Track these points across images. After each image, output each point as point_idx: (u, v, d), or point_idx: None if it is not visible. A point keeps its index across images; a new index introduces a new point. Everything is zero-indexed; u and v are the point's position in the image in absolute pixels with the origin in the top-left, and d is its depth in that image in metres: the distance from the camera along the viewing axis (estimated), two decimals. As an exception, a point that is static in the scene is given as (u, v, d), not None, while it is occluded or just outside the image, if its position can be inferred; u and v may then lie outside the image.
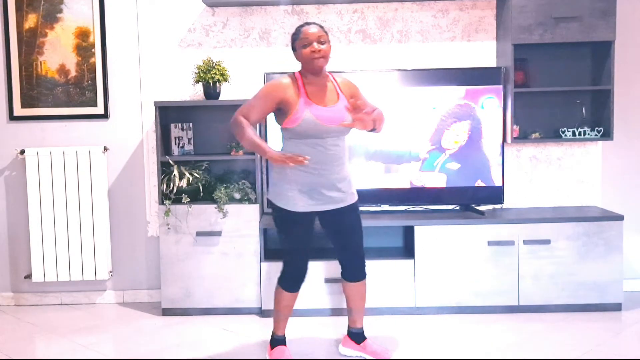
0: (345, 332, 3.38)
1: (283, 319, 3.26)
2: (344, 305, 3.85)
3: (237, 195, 3.91)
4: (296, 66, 3.12)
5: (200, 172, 3.98)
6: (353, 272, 3.24)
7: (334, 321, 3.80)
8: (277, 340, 3.27)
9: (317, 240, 3.22)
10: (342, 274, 3.26)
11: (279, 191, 3.07)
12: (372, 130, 3.05)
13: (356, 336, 3.31)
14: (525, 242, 3.83)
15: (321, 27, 3.01)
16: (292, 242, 3.14)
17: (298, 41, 2.99)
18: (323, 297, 3.87)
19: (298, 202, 3.03)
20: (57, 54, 4.18)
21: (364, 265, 3.26)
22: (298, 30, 3.01)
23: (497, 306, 3.87)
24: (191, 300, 3.95)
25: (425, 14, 4.15)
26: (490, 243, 3.84)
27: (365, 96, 3.21)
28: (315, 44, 2.94)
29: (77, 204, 4.12)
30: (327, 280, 3.84)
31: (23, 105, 4.21)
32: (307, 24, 3.02)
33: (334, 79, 3.11)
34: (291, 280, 3.19)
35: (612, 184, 4.24)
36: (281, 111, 3.01)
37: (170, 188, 3.89)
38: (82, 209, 4.12)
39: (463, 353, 3.33)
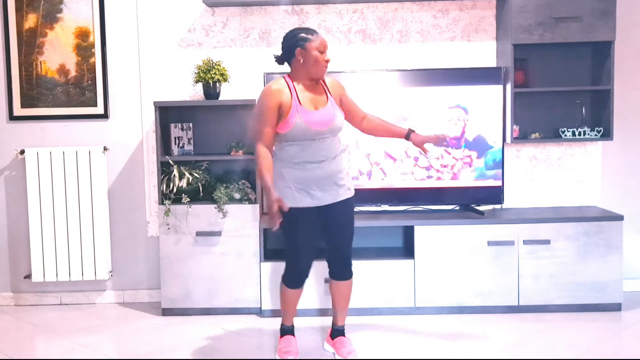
0: (330, 329, 3.45)
1: (288, 311, 3.34)
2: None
3: (237, 195, 3.91)
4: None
5: (200, 172, 3.98)
6: (338, 270, 3.28)
7: (329, 321, 3.80)
8: (284, 330, 3.36)
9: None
10: (329, 271, 3.31)
11: (279, 191, 3.07)
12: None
13: (335, 332, 3.39)
14: (525, 242, 3.83)
15: None
16: (297, 240, 3.17)
17: (310, 43, 3.02)
18: (322, 297, 3.86)
19: (298, 199, 3.07)
20: (57, 54, 4.18)
21: (350, 265, 3.28)
22: (310, 32, 3.06)
23: (497, 306, 3.87)
24: (191, 300, 3.95)
25: (425, 14, 4.15)
26: (490, 243, 3.83)
27: (351, 96, 3.28)
28: (327, 54, 3.07)
29: (77, 204, 4.12)
30: (328, 281, 3.82)
31: (23, 105, 4.21)
32: (315, 31, 3.09)
33: (322, 81, 3.17)
34: (294, 278, 3.24)
35: (612, 184, 4.24)
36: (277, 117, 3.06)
37: (170, 188, 3.89)
38: (82, 209, 4.12)
39: (463, 353, 3.33)
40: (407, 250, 4.07)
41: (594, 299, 3.85)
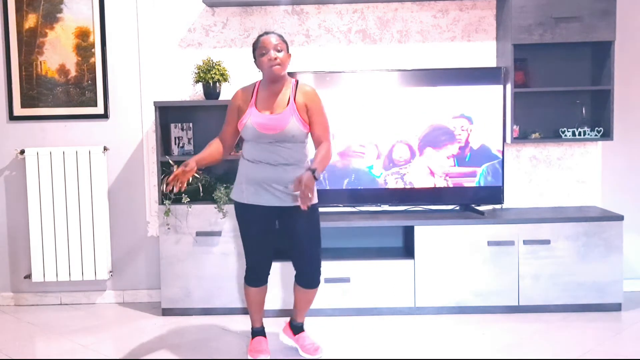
0: (288, 320, 3.48)
1: (255, 312, 3.36)
2: (343, 306, 3.87)
3: (237, 195, 3.91)
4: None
5: (200, 172, 3.97)
6: (305, 280, 3.29)
7: (329, 321, 3.80)
8: (255, 332, 3.38)
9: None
10: (295, 277, 3.32)
11: (235, 183, 3.23)
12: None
13: (295, 328, 3.42)
14: (525, 242, 3.83)
15: (280, 36, 3.12)
16: (246, 237, 3.24)
17: (257, 50, 3.13)
18: (322, 297, 3.86)
19: (244, 194, 3.14)
20: (57, 54, 4.18)
21: (318, 274, 3.29)
22: (257, 39, 3.14)
23: (497, 306, 3.87)
24: (191, 300, 3.95)
25: (425, 14, 4.15)
26: (490, 243, 3.83)
27: (322, 115, 3.14)
28: (272, 52, 3.05)
29: (77, 204, 4.12)
30: (327, 281, 3.83)
31: (23, 105, 4.21)
32: (267, 33, 3.14)
33: (295, 86, 3.14)
34: (251, 274, 3.27)
35: (612, 184, 4.24)
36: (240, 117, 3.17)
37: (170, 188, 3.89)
38: (82, 209, 4.12)
39: (463, 353, 3.33)
40: (407, 250, 4.07)
41: (594, 299, 3.85)
